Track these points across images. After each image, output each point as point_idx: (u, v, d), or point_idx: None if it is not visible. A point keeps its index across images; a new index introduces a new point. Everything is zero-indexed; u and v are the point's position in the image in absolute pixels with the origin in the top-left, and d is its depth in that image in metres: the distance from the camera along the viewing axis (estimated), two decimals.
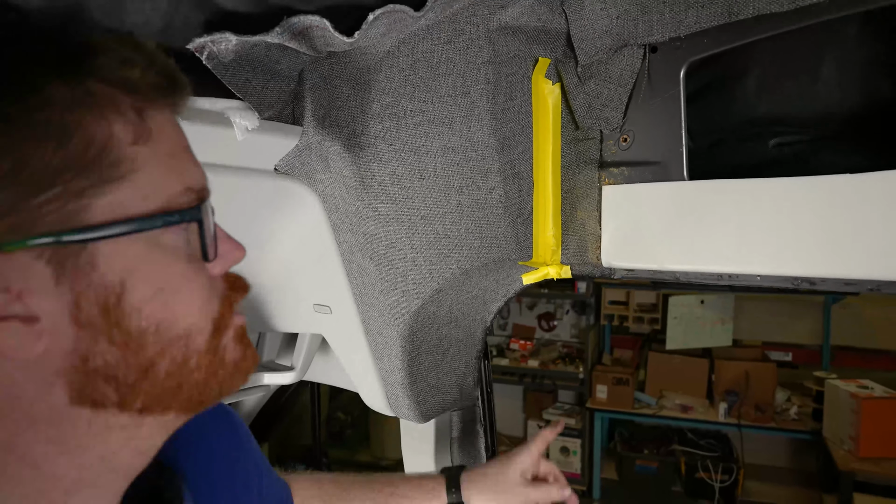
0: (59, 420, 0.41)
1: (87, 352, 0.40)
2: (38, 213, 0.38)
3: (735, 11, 0.63)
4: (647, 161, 0.77)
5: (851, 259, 0.63)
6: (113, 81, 0.42)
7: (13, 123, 0.37)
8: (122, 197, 0.41)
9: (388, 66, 0.79)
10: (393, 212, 0.85)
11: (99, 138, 0.40)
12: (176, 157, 0.46)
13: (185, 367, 0.45)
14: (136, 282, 0.41)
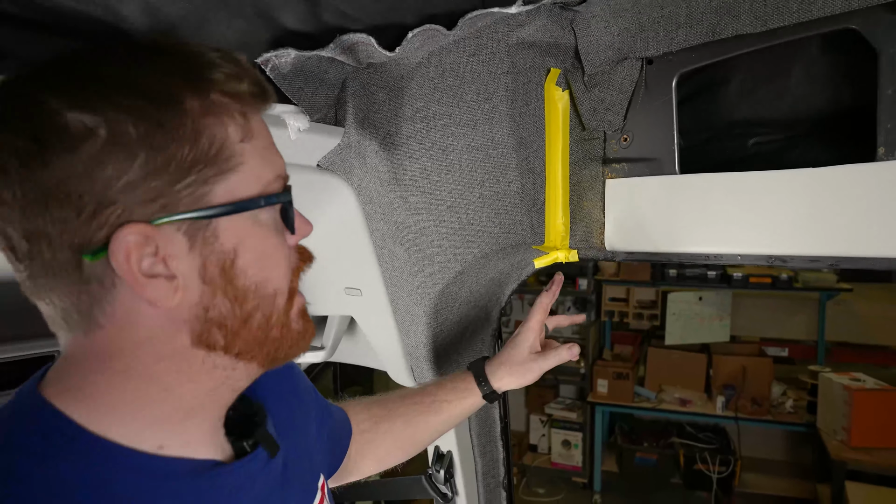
0: (183, 357, 0.53)
1: (208, 304, 0.52)
2: (178, 196, 0.49)
3: (717, 31, 0.75)
4: (644, 157, 0.89)
5: (816, 239, 0.75)
6: (226, 93, 0.54)
7: (165, 128, 0.49)
8: (235, 184, 0.52)
9: (420, 75, 0.91)
10: (422, 202, 0.97)
11: (219, 138, 0.52)
12: (268, 151, 0.58)
13: (269, 323, 0.57)
14: (243, 250, 0.53)
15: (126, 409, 0.52)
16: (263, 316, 0.56)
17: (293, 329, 0.59)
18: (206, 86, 0.52)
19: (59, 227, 0.46)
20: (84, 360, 0.52)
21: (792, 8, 0.68)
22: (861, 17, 0.67)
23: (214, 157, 0.51)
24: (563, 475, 4.69)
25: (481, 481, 1.26)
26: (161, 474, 0.52)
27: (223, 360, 0.55)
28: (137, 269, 0.47)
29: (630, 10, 0.80)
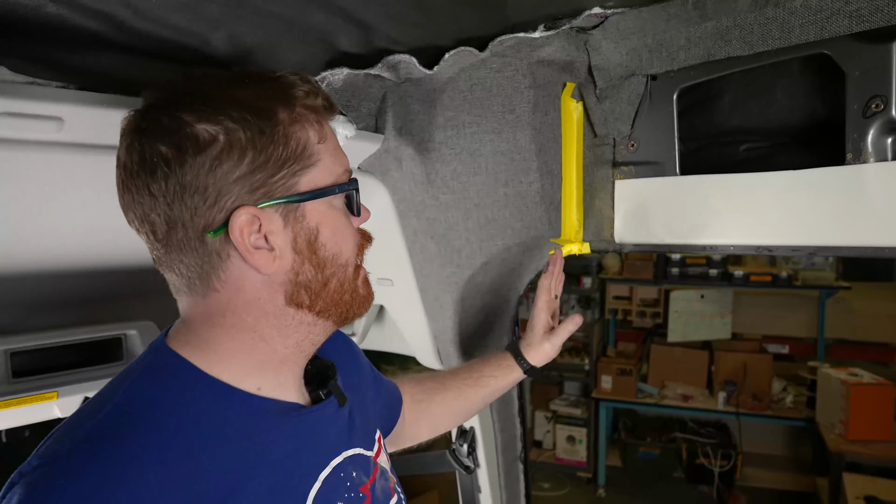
0: (279, 314, 0.67)
1: (298, 270, 0.66)
2: (275, 186, 0.63)
3: (712, 53, 0.87)
4: (649, 161, 1.01)
5: (796, 231, 0.87)
6: (306, 106, 0.67)
7: (265, 134, 0.62)
8: (315, 176, 0.66)
9: (451, 88, 1.04)
10: (452, 201, 1.10)
11: (302, 141, 0.65)
12: (337, 150, 0.71)
13: (342, 288, 0.70)
14: (323, 227, 0.67)
15: (234, 358, 0.66)
16: (338, 281, 0.70)
17: (360, 293, 0.73)
18: (291, 101, 0.66)
19: (190, 213, 0.61)
20: (202, 319, 0.66)
21: (774, 35, 0.80)
22: (831, 44, 0.80)
23: (300, 156, 0.65)
24: (568, 470, 4.80)
25: (501, 455, 1.38)
26: (259, 410, 0.66)
27: (308, 317, 0.69)
28: (247, 242, 0.62)
29: (637, 34, 0.92)
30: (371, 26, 0.84)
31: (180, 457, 0.57)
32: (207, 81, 0.64)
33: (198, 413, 0.62)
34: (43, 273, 1.06)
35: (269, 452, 0.65)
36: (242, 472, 0.61)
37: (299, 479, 0.67)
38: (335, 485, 0.70)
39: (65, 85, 0.76)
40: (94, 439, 0.56)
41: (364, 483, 0.75)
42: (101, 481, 0.52)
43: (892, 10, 0.71)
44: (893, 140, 0.79)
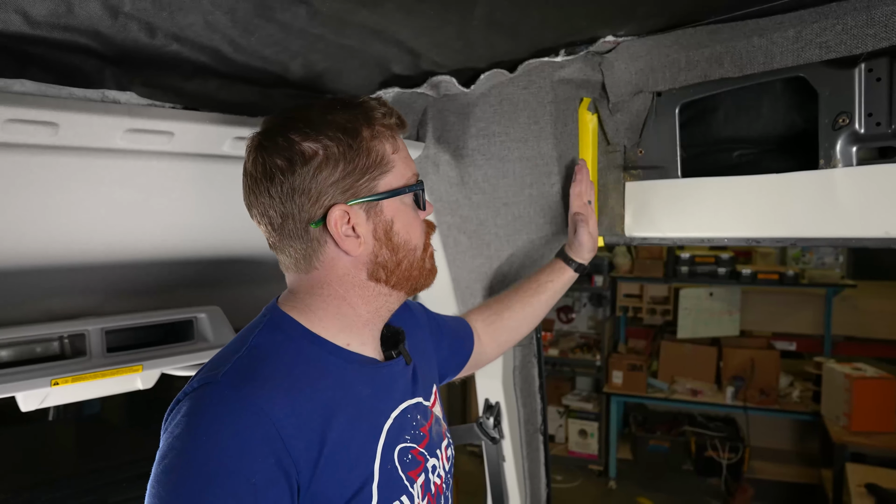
0: (362, 287, 0.85)
1: (377, 253, 0.84)
2: (360, 188, 0.81)
3: (708, 74, 1.03)
4: (654, 166, 1.17)
5: (780, 225, 1.03)
6: (383, 125, 0.85)
7: (353, 148, 0.79)
8: (390, 179, 0.84)
9: (483, 102, 1.21)
10: (483, 200, 1.26)
11: (380, 152, 0.83)
12: (407, 158, 0.89)
13: (412, 266, 0.88)
14: (397, 220, 0.85)
15: (328, 319, 0.85)
16: (409, 262, 0.88)
17: (426, 269, 0.91)
18: (372, 122, 0.84)
19: (298, 209, 0.80)
20: (305, 289, 0.85)
21: (759, 60, 0.96)
22: (806, 68, 0.95)
23: (379, 164, 0.83)
24: (580, 463, 4.92)
25: (523, 427, 1.54)
26: (347, 359, 0.85)
27: (384, 289, 0.87)
28: (340, 232, 0.80)
29: (644, 57, 1.08)
30: (420, 53, 1.01)
31: (292, 386, 0.76)
32: (310, 109, 0.83)
33: (304, 357, 0.81)
34: (128, 263, 1.23)
35: (354, 392, 0.83)
36: (336, 403, 0.79)
37: (377, 415, 0.85)
38: (403, 423, 0.88)
39: (175, 105, 0.93)
40: (239, 369, 0.75)
41: (424, 425, 0.94)
42: (245, 393, 0.72)
43: (854, 42, 0.87)
44: (857, 149, 0.94)
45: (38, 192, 0.93)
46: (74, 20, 0.72)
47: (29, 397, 1.17)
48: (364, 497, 0.78)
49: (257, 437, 0.70)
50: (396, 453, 0.85)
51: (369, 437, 0.83)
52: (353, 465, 0.78)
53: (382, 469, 0.81)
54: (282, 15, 0.81)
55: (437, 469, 0.93)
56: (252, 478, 0.68)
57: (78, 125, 0.82)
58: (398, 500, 0.82)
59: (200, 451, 0.69)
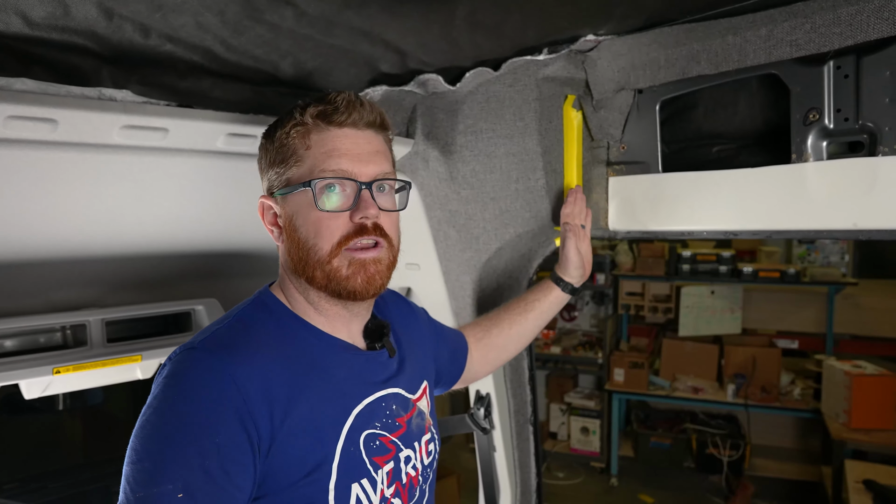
0: (295, 279, 0.91)
1: (289, 247, 0.89)
2: (273, 181, 0.90)
3: (686, 72, 1.06)
4: (636, 161, 1.21)
5: (756, 217, 1.06)
6: (313, 116, 0.86)
7: (271, 141, 0.90)
8: (297, 173, 0.88)
9: (470, 100, 1.24)
10: (471, 195, 1.30)
11: (292, 147, 0.88)
12: (328, 154, 0.86)
13: (316, 265, 0.87)
14: (296, 215, 0.88)
15: (301, 303, 0.91)
16: (313, 260, 0.86)
17: (340, 274, 0.86)
18: (293, 116, 0.88)
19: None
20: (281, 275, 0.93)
21: (734, 58, 0.99)
22: (779, 66, 0.98)
23: (288, 158, 0.89)
24: (582, 460, 4.94)
25: (513, 418, 1.57)
26: (326, 342, 0.90)
27: (308, 285, 0.89)
28: (266, 222, 0.90)
29: (626, 56, 1.11)
30: (407, 53, 1.05)
31: (264, 357, 0.81)
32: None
33: (283, 334, 0.86)
34: (128, 257, 1.28)
35: (329, 373, 0.87)
36: (307, 380, 0.84)
37: (348, 398, 0.88)
38: (375, 410, 0.91)
39: (169, 103, 0.97)
40: (217, 338, 0.82)
41: (402, 416, 0.96)
42: (216, 358, 0.78)
43: (822, 40, 0.90)
44: (827, 144, 0.97)
45: (39, 187, 0.97)
46: (71, 22, 0.76)
47: (32, 385, 1.21)
48: (323, 473, 0.82)
49: (224, 399, 0.75)
50: (362, 438, 0.88)
51: (336, 417, 0.86)
52: (316, 440, 0.82)
53: (345, 450, 0.84)
54: (270, 16, 0.84)
55: (411, 461, 0.95)
56: (216, 437, 0.74)
57: (76, 121, 0.86)
58: (358, 483, 0.85)
59: (172, 409, 0.75)
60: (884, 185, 0.92)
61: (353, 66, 1.06)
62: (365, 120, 0.89)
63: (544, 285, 1.28)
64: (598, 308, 5.32)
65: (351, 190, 0.86)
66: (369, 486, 0.86)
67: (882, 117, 0.92)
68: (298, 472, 0.80)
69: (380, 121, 0.91)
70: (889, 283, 4.80)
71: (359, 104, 0.88)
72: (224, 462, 0.73)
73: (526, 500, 1.60)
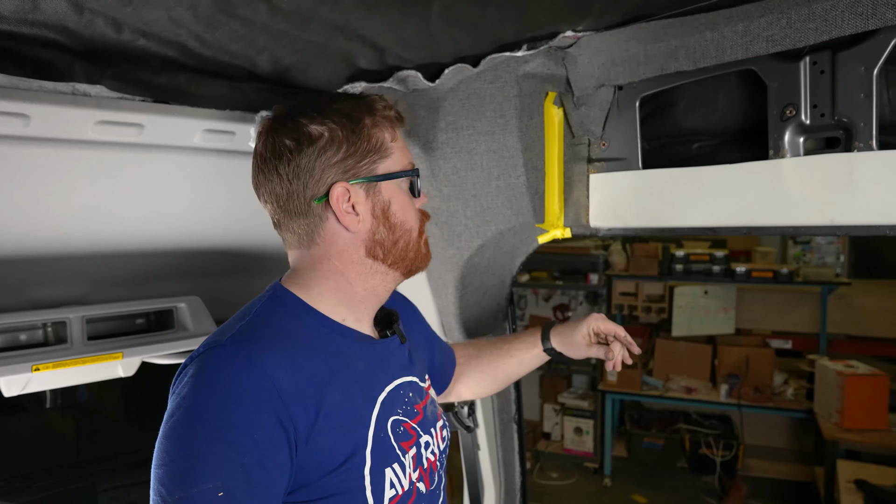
0: (361, 263, 0.91)
1: (375, 230, 0.90)
2: (360, 169, 0.88)
3: (665, 68, 1.06)
4: (617, 158, 1.20)
5: (735, 213, 1.06)
6: (384, 115, 0.92)
7: (355, 133, 0.87)
8: (389, 164, 0.91)
9: (451, 97, 1.24)
10: (453, 192, 1.30)
11: (380, 139, 0.90)
12: (404, 148, 0.95)
13: (408, 247, 0.94)
14: (393, 201, 0.91)
15: (328, 294, 0.91)
16: (404, 242, 0.94)
17: (422, 252, 0.98)
18: (373, 112, 0.91)
19: (303, 186, 0.87)
20: (306, 266, 0.92)
21: (712, 54, 0.99)
22: (756, 61, 0.98)
23: (378, 149, 0.90)
24: (576, 460, 4.95)
25: (497, 416, 1.57)
26: (343, 333, 0.91)
27: (381, 268, 0.93)
28: (341, 208, 0.87)
29: (605, 52, 1.11)
30: (385, 49, 1.05)
31: (291, 350, 0.82)
32: (318, 98, 0.91)
33: (302, 329, 0.87)
34: (109, 254, 1.27)
35: (349, 364, 0.89)
36: (332, 371, 0.85)
37: (372, 386, 0.91)
38: (396, 398, 0.94)
39: (145, 99, 0.97)
40: (243, 334, 0.82)
41: (418, 403, 1.00)
42: (248, 354, 0.78)
43: (797, 36, 0.90)
44: (804, 139, 0.98)
45: (14, 183, 0.97)
46: (41, 15, 0.76)
47: (11, 382, 1.21)
48: (358, 460, 0.83)
49: (260, 394, 0.76)
50: (390, 423, 0.90)
51: (364, 405, 0.88)
52: (348, 429, 0.84)
53: (376, 436, 0.87)
54: (243, 10, 0.84)
55: (430, 446, 0.99)
56: (254, 432, 0.74)
57: (49, 117, 0.86)
58: (391, 467, 0.88)
59: (206, 407, 0.74)
60: (859, 181, 0.92)
61: (330, 61, 1.05)
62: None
63: (531, 338, 1.25)
64: (591, 308, 5.32)
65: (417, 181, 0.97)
66: (399, 470, 0.89)
67: (857, 113, 0.92)
68: (335, 461, 0.81)
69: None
70: (883, 283, 4.82)
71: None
72: (263, 458, 0.74)
73: (510, 499, 1.60)
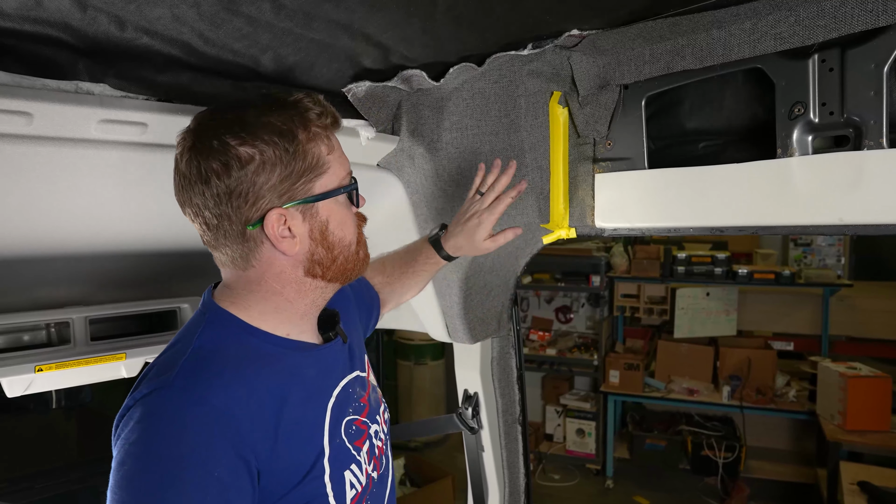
0: (299, 282, 0.88)
1: (313, 251, 0.87)
2: (296, 191, 0.83)
3: (671, 67, 1.05)
4: (622, 157, 1.20)
5: (742, 213, 1.05)
6: (318, 125, 0.86)
7: (289, 152, 0.82)
8: (326, 181, 0.86)
9: (456, 96, 1.23)
10: (457, 193, 1.29)
11: (315, 155, 0.85)
12: (341, 157, 0.91)
13: (346, 261, 0.91)
14: (331, 219, 0.88)
15: (268, 314, 0.88)
16: (343, 257, 0.91)
17: (360, 260, 0.94)
18: (307, 123, 0.86)
19: (234, 211, 0.81)
20: (243, 286, 0.88)
21: (718, 52, 0.99)
22: (763, 60, 0.97)
23: (314, 166, 0.85)
24: (578, 462, 4.95)
25: (501, 417, 1.56)
26: (289, 347, 0.88)
27: (320, 283, 0.91)
28: (277, 233, 0.83)
29: (610, 51, 1.11)
30: (389, 48, 1.04)
31: (242, 378, 0.79)
32: (245, 110, 0.84)
33: (248, 350, 0.84)
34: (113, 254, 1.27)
35: (299, 376, 0.87)
36: (286, 387, 0.83)
37: (322, 394, 0.90)
38: (345, 398, 0.94)
39: (148, 97, 0.96)
40: (189, 370, 0.78)
41: (363, 396, 1.00)
42: (198, 393, 0.75)
43: (806, 33, 0.89)
44: (812, 138, 0.97)
45: (17, 182, 0.96)
46: (44, 13, 0.75)
47: (14, 383, 1.20)
48: (317, 471, 0.82)
49: (215, 432, 0.73)
50: (343, 426, 0.90)
51: (317, 414, 0.87)
52: (306, 442, 0.83)
53: (332, 443, 0.86)
54: (247, 8, 0.83)
55: (378, 433, 1.00)
56: (215, 471, 0.72)
57: (52, 115, 0.85)
58: (349, 469, 0.87)
59: (161, 453, 0.72)
60: (869, 180, 0.92)
61: (334, 60, 1.05)
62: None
63: (427, 253, 1.23)
64: (593, 310, 5.33)
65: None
66: (357, 469, 0.89)
67: (867, 111, 0.91)
68: (298, 474, 0.81)
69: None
70: (884, 284, 4.81)
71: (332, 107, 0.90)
72: (226, 493, 0.73)
73: (514, 501, 1.59)
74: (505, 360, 1.54)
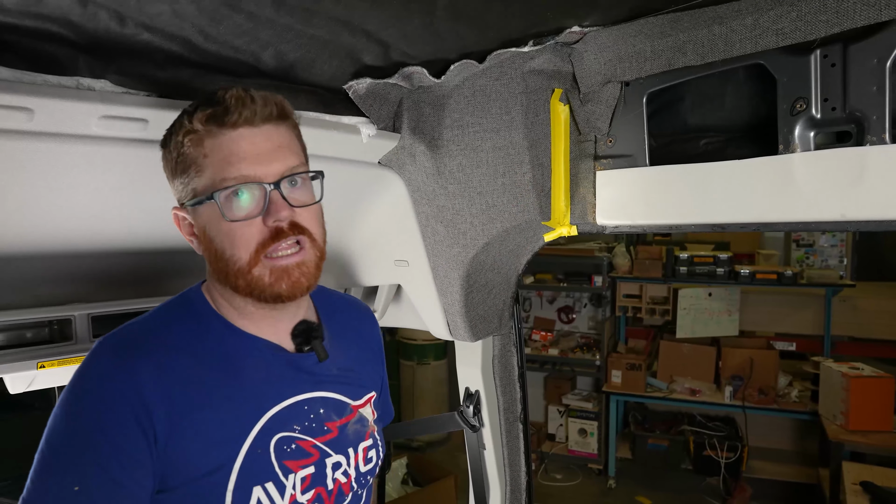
0: (219, 285, 0.91)
1: (209, 258, 0.88)
2: (182, 192, 0.86)
3: (672, 63, 1.05)
4: (624, 154, 1.19)
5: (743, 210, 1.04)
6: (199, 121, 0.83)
7: (171, 152, 0.87)
8: (199, 183, 0.85)
9: (457, 94, 1.23)
10: (458, 190, 1.29)
11: (188, 156, 0.85)
12: (225, 158, 0.82)
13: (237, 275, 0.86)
14: (208, 227, 0.87)
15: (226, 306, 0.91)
16: (231, 270, 0.85)
17: (263, 282, 0.84)
18: (189, 119, 0.84)
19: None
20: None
21: (720, 48, 0.98)
22: (765, 55, 0.97)
23: (187, 169, 0.86)
24: (580, 462, 4.96)
25: (503, 415, 1.56)
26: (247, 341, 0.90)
27: (232, 291, 0.88)
28: (183, 232, 0.89)
29: (612, 48, 1.10)
30: (389, 44, 1.04)
31: (168, 357, 0.83)
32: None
33: (202, 332, 0.87)
34: (115, 252, 1.27)
35: (244, 375, 0.87)
36: (214, 382, 0.85)
37: (263, 399, 0.88)
38: (296, 413, 0.91)
39: (149, 94, 0.96)
40: (124, 336, 0.84)
41: (333, 420, 0.95)
42: (124, 354, 0.81)
43: (808, 28, 0.89)
44: (814, 134, 0.96)
45: (18, 178, 0.96)
46: (45, 8, 0.76)
47: (16, 379, 1.20)
48: (222, 476, 0.81)
49: (120, 397, 0.77)
50: (274, 441, 0.86)
51: (246, 419, 0.85)
52: (217, 442, 0.82)
53: (251, 453, 0.83)
54: (247, 4, 0.83)
55: (341, 466, 0.93)
56: (110, 435, 0.76)
57: (53, 111, 0.85)
58: (261, 486, 0.83)
59: (72, 407, 0.78)
60: (872, 175, 0.91)
61: (335, 57, 1.05)
62: (260, 115, 0.83)
63: None
64: (595, 310, 5.33)
65: (259, 193, 0.82)
66: (275, 490, 0.84)
67: (869, 106, 0.91)
68: (197, 470, 0.80)
69: (277, 112, 0.86)
70: (887, 285, 4.80)
71: (250, 99, 0.83)
72: (121, 458, 0.76)
73: (516, 499, 1.59)
74: (506, 358, 1.54)
